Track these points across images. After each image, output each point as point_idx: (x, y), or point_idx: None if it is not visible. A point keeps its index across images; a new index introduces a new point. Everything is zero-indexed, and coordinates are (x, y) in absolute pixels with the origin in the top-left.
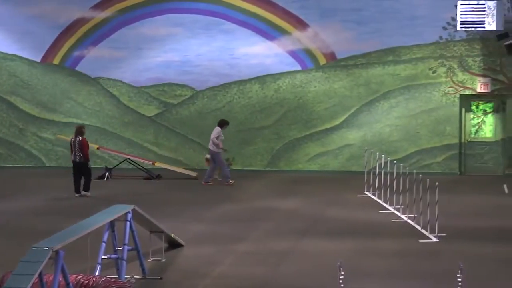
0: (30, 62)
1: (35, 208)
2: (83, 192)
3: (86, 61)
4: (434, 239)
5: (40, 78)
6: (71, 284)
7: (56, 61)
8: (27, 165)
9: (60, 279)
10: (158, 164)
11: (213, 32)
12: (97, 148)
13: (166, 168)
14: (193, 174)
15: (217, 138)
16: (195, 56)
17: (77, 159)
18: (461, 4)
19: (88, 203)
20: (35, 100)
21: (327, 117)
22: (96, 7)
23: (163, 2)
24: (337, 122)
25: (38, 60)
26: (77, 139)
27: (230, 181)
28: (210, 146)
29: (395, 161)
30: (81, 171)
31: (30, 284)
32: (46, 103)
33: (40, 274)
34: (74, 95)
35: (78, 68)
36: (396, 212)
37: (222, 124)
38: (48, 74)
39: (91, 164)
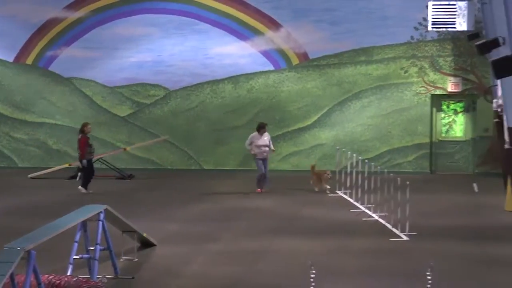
0: (3, 62)
1: (7, 208)
2: (79, 187)
3: (59, 61)
4: (405, 238)
5: (13, 78)
6: (42, 284)
7: (29, 61)
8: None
9: (32, 279)
10: (129, 149)
11: (186, 32)
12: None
13: (138, 147)
14: (164, 138)
15: (249, 144)
16: (169, 56)
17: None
18: (433, 5)
19: (61, 203)
20: (7, 100)
21: (299, 117)
22: (69, 7)
23: (136, 3)
24: (309, 121)
25: (11, 60)
26: (78, 136)
27: (257, 189)
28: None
29: (366, 160)
30: (81, 168)
31: (1, 284)
32: (19, 103)
33: (11, 275)
34: (47, 95)
35: (51, 68)
36: (367, 211)
37: (258, 128)
38: (21, 74)
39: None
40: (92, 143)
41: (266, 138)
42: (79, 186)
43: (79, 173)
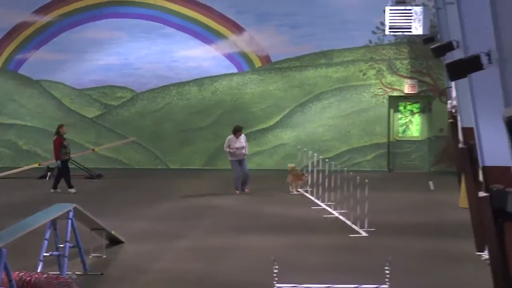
0: None
1: None
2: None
3: (28, 64)
4: (364, 234)
5: None
6: (13, 281)
7: None
8: None
9: (3, 276)
10: (98, 149)
11: (153, 36)
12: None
13: (106, 148)
14: (131, 139)
15: (228, 147)
16: (136, 59)
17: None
18: (390, 10)
19: (31, 202)
20: None
21: (262, 118)
22: (38, 11)
23: (103, 7)
24: (272, 122)
25: None
26: (54, 138)
27: (236, 192)
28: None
29: (327, 160)
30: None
31: None
32: None
33: None
34: (16, 97)
35: (20, 71)
36: (328, 208)
37: (235, 131)
38: None
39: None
40: (67, 144)
41: (242, 140)
42: (55, 189)
43: (49, 173)
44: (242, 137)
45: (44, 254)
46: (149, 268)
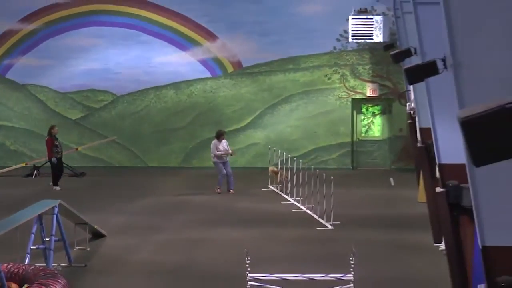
0: None
1: None
2: (53, 186)
3: (15, 69)
4: (330, 227)
5: None
6: (2, 272)
7: None
8: None
9: None
10: (81, 149)
11: (131, 43)
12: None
13: (89, 147)
14: (112, 138)
15: (218, 150)
16: (115, 64)
17: None
18: (352, 19)
19: (18, 199)
20: None
21: (235, 119)
22: (24, 20)
23: (85, 16)
24: (244, 123)
25: None
26: (46, 138)
27: (217, 190)
28: (212, 158)
29: (295, 158)
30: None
31: None
32: None
33: None
34: (4, 100)
35: (7, 76)
36: (296, 203)
37: (218, 136)
38: None
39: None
40: (58, 143)
41: (225, 144)
42: (51, 184)
43: (35, 171)
44: (225, 142)
45: (31, 247)
46: (130, 260)
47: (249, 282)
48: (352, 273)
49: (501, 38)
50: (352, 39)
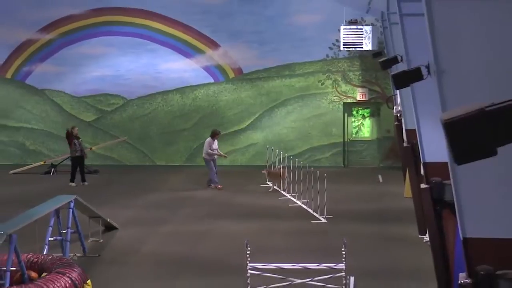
0: None
1: None
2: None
3: (34, 76)
4: (323, 220)
5: None
6: (23, 262)
7: (8, 75)
8: None
9: (14, 258)
10: (95, 148)
11: (140, 51)
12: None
13: (101, 147)
14: (123, 139)
15: (211, 149)
16: (125, 71)
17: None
18: (344, 29)
19: (37, 194)
20: None
21: (235, 121)
22: (42, 30)
23: (97, 26)
24: (243, 125)
25: None
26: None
27: (219, 186)
28: (203, 155)
29: (291, 157)
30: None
31: None
32: (0, 111)
33: None
34: (24, 104)
35: (27, 81)
36: (292, 198)
37: (214, 134)
38: (1, 87)
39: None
40: (76, 142)
41: (216, 143)
42: (83, 182)
43: (53, 169)
44: (216, 141)
45: (49, 239)
46: (139, 250)
47: (249, 271)
48: (344, 262)
49: (479, 47)
50: (344, 47)
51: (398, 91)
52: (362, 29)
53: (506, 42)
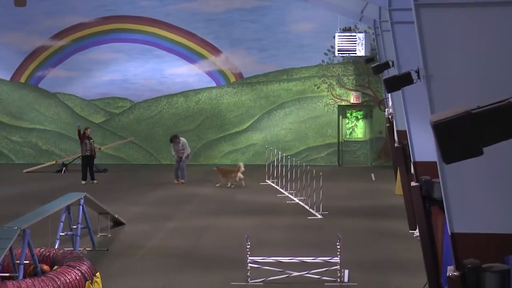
0: (1, 81)
1: (7, 196)
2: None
3: (46, 80)
4: (319, 216)
5: (9, 93)
6: (35, 255)
7: (23, 79)
8: None
9: (27, 252)
10: (104, 148)
11: (146, 57)
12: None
13: (110, 147)
14: (130, 139)
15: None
16: (133, 75)
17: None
18: (338, 36)
19: (49, 191)
20: (5, 111)
21: (236, 123)
22: (54, 37)
23: (107, 34)
24: (244, 126)
25: (8, 79)
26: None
27: (182, 181)
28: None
29: (289, 156)
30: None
31: (2, 256)
32: (14, 113)
33: (10, 248)
34: (37, 107)
35: (40, 85)
36: (290, 195)
37: (173, 138)
38: (16, 90)
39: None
40: (88, 142)
41: (180, 144)
42: (92, 180)
43: (64, 168)
44: (181, 142)
45: (60, 233)
46: (145, 245)
47: (249, 264)
48: (339, 256)
49: (466, 53)
50: (338, 53)
51: (389, 94)
52: (355, 36)
53: (491, 47)
